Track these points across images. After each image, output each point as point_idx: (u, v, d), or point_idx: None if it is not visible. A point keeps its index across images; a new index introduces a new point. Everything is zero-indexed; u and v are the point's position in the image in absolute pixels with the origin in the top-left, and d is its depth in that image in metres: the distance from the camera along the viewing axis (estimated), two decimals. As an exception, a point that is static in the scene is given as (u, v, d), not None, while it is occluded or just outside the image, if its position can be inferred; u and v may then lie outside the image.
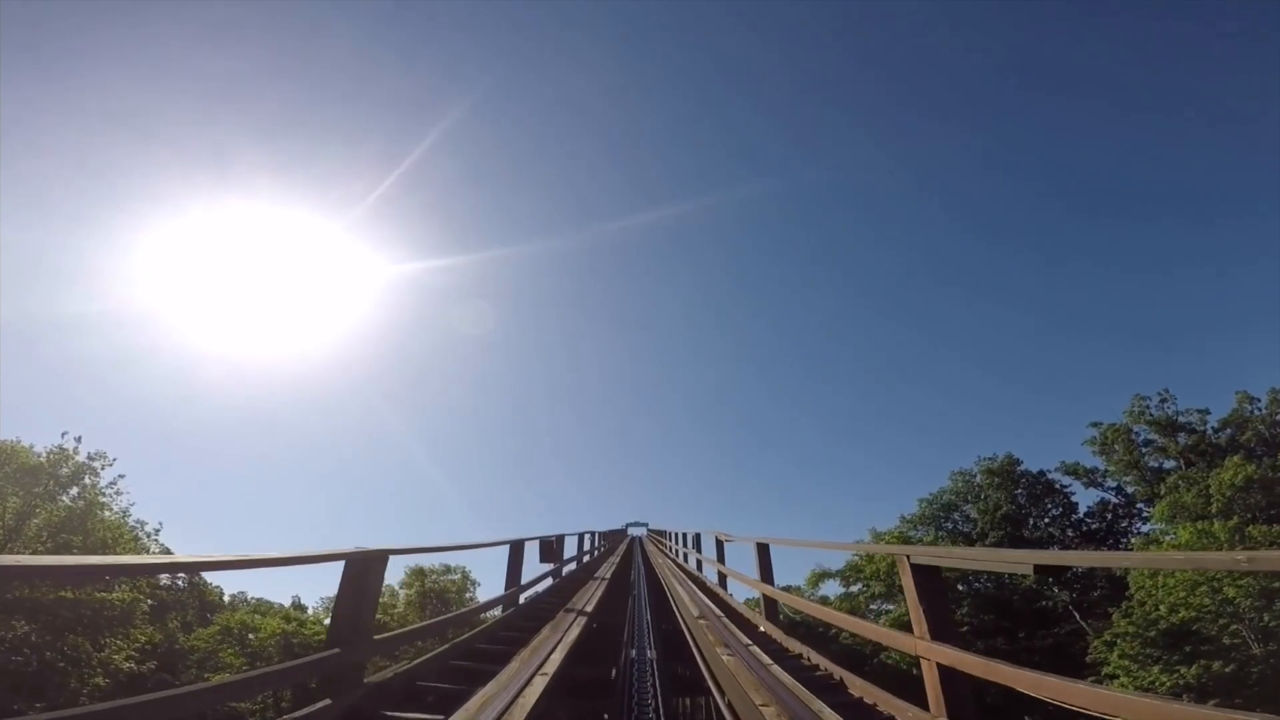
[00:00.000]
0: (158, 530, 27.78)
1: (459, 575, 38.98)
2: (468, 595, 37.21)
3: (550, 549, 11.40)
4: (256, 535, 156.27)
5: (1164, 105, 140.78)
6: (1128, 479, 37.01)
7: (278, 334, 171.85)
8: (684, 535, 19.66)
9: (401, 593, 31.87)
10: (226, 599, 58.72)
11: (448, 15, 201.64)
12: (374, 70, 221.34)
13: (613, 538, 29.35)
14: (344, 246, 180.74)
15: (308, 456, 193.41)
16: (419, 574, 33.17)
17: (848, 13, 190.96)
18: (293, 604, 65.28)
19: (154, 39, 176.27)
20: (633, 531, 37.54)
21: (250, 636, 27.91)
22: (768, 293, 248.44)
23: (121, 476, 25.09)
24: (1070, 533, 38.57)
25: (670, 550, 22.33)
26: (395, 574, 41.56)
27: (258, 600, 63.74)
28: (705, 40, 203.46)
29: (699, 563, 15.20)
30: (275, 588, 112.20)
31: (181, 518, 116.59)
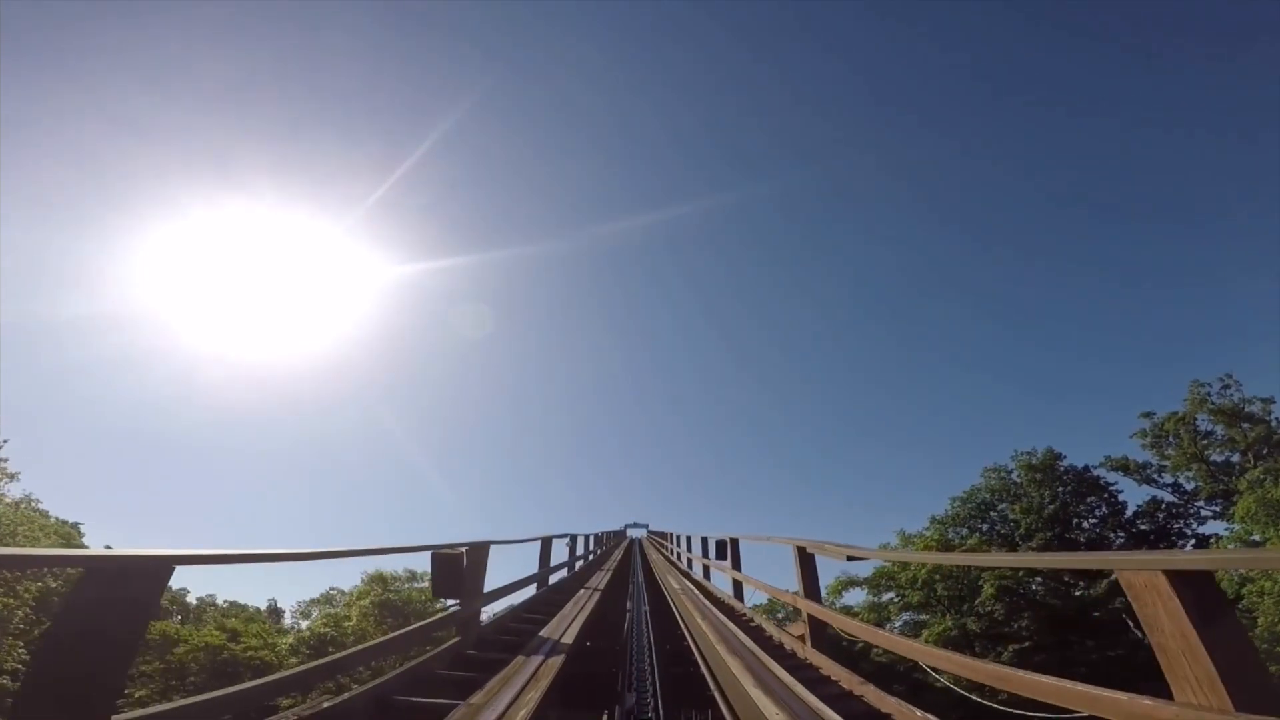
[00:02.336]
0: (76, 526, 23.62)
1: (426, 583, 34.27)
2: (437, 606, 32.48)
3: (453, 573, 4.70)
4: (255, 536, 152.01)
5: (1166, 105, 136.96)
6: (1189, 473, 33.03)
7: (277, 335, 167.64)
8: (702, 541, 14.71)
9: (357, 603, 27.30)
10: (194, 601, 53.92)
11: (446, 18, 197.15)
12: (374, 73, 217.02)
13: (611, 540, 25.70)
14: (344, 248, 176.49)
15: (305, 458, 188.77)
16: (379, 580, 28.73)
17: (842, 15, 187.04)
18: (268, 607, 60.40)
19: (155, 40, 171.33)
20: (632, 533, 35.65)
21: (175, 650, 23.38)
22: (765, 296, 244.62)
23: (4, 460, 20.94)
24: (1120, 534, 34.75)
25: (678, 558, 17.85)
26: (354, 578, 37.20)
27: (229, 603, 58.85)
28: (700, 44, 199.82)
29: (735, 584, 10.65)
30: (261, 591, 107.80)
31: (179, 517, 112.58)
